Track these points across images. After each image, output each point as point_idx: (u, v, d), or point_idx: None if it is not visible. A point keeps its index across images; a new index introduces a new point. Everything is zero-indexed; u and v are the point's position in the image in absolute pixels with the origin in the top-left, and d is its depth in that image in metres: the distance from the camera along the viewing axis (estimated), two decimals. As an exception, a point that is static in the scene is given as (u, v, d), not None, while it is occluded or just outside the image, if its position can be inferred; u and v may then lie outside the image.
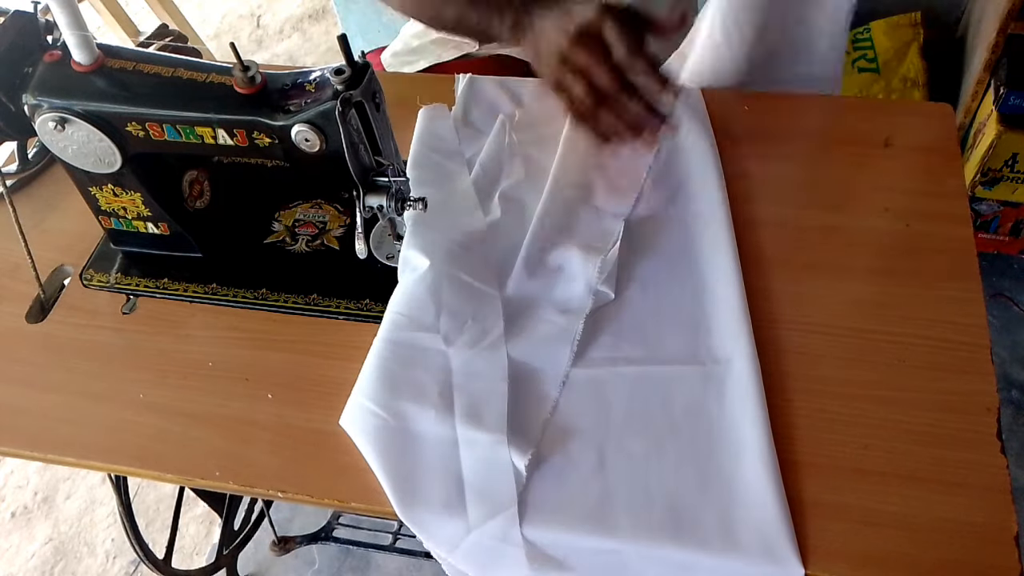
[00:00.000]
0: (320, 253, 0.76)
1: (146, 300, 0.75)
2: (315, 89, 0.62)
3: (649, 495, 0.59)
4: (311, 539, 1.27)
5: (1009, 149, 1.40)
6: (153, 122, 0.64)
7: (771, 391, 0.62)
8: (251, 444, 0.64)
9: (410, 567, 1.34)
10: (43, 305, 0.75)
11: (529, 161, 0.80)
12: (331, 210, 0.80)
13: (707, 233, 0.73)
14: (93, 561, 1.43)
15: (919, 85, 1.58)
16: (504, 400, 0.62)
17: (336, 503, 0.62)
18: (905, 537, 0.56)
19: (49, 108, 0.64)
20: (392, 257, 0.74)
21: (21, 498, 1.52)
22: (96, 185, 0.71)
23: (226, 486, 0.63)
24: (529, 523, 0.58)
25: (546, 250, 0.72)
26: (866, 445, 0.60)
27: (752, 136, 0.82)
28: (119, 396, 0.68)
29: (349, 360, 0.67)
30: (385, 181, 0.65)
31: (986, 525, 0.56)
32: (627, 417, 0.63)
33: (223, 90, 0.63)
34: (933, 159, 0.79)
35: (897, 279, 0.70)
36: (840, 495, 0.58)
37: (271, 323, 0.72)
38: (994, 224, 1.56)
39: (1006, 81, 1.36)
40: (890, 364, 0.65)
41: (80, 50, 0.63)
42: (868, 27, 1.61)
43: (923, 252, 0.72)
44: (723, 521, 0.57)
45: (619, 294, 0.70)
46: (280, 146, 0.64)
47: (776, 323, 0.68)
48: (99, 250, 0.78)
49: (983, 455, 0.59)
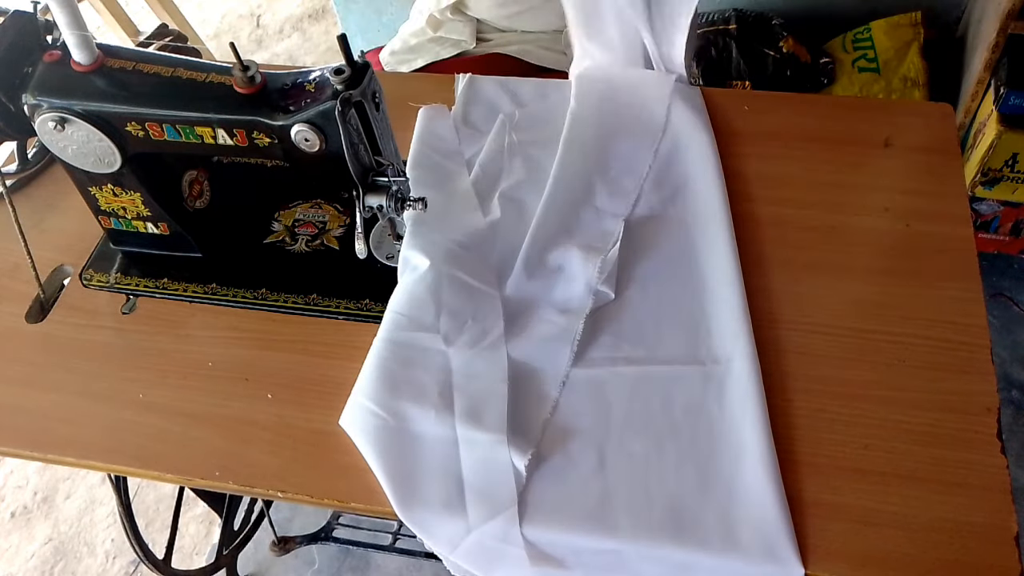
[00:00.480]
0: (320, 253, 0.76)
1: (146, 300, 0.75)
2: (315, 89, 0.62)
3: (649, 495, 0.59)
4: (311, 539, 1.26)
5: (1009, 149, 1.40)
6: (153, 122, 0.64)
7: (771, 391, 0.62)
8: (251, 444, 0.64)
9: (410, 567, 1.34)
10: (43, 305, 0.75)
11: (529, 161, 0.80)
12: (331, 210, 0.80)
13: (707, 233, 0.73)
14: (93, 561, 1.43)
15: (919, 85, 1.57)
16: (504, 400, 0.62)
17: (336, 503, 0.62)
18: (905, 537, 0.56)
19: (49, 108, 0.64)
20: (392, 257, 0.74)
21: (21, 498, 1.52)
22: (96, 185, 0.71)
23: (226, 486, 0.63)
24: (529, 523, 0.58)
25: (546, 250, 0.72)
26: (866, 445, 0.60)
27: (752, 136, 0.82)
28: (119, 396, 0.68)
29: (349, 360, 0.67)
30: (385, 181, 0.65)
31: (986, 525, 0.56)
32: (627, 417, 0.63)
33: (223, 90, 0.63)
34: (933, 159, 0.79)
35: (897, 279, 0.70)
36: (840, 495, 0.58)
37: (271, 323, 0.72)
38: (994, 224, 1.56)
39: (1006, 81, 1.36)
40: (890, 364, 0.65)
41: (80, 50, 0.63)
42: (868, 27, 1.61)
43: (923, 252, 0.72)
44: (723, 521, 0.57)
45: (619, 294, 0.70)
46: (280, 146, 0.64)
47: (776, 323, 0.68)
48: (99, 250, 0.78)
49: (983, 455, 0.59)
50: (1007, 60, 1.37)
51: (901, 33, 1.58)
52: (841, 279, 0.71)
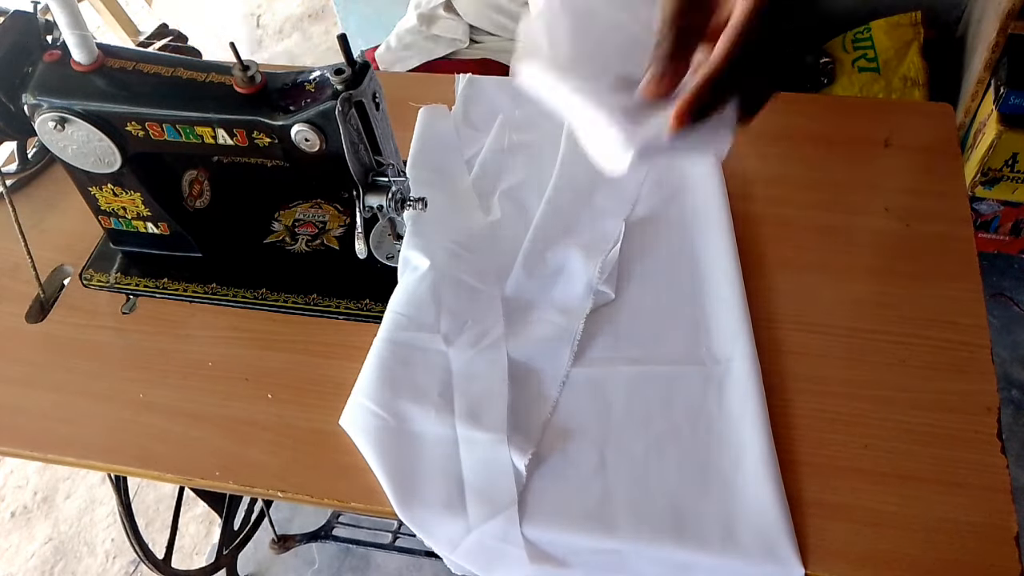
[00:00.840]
0: (320, 253, 0.76)
1: (146, 300, 0.75)
2: (315, 89, 0.62)
3: (649, 495, 0.59)
4: (311, 537, 1.26)
5: (1009, 149, 1.40)
6: (153, 122, 0.64)
7: (771, 391, 0.62)
8: (251, 444, 0.64)
9: (410, 566, 1.34)
10: (43, 305, 0.75)
11: (529, 161, 0.80)
12: (331, 210, 0.80)
13: (707, 233, 0.73)
14: (93, 561, 1.43)
15: (919, 85, 1.57)
16: (504, 400, 0.62)
17: (336, 503, 0.62)
18: (905, 537, 0.56)
19: (49, 108, 0.64)
20: (392, 257, 0.74)
21: (21, 498, 1.52)
22: (96, 185, 0.71)
23: (226, 486, 0.63)
24: (529, 522, 0.58)
25: (547, 250, 0.72)
26: (866, 445, 0.60)
27: (752, 136, 0.82)
28: (119, 396, 0.68)
29: (349, 360, 0.67)
30: (385, 181, 0.65)
31: (986, 525, 0.56)
32: (627, 417, 0.63)
33: (223, 90, 0.63)
34: (933, 159, 0.79)
35: (897, 279, 0.70)
36: (840, 495, 0.58)
37: (271, 323, 0.72)
38: (994, 224, 1.56)
39: (1006, 81, 1.36)
40: (890, 364, 0.65)
41: (80, 50, 0.63)
42: (868, 27, 1.61)
43: (923, 252, 0.72)
44: (723, 521, 0.57)
45: (619, 294, 0.70)
46: (280, 146, 0.64)
47: (776, 323, 0.68)
48: (99, 250, 0.78)
49: (983, 455, 0.59)
50: (1007, 60, 1.37)
51: (901, 33, 1.58)
52: (841, 279, 0.71)
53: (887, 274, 0.71)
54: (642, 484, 0.59)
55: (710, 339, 0.66)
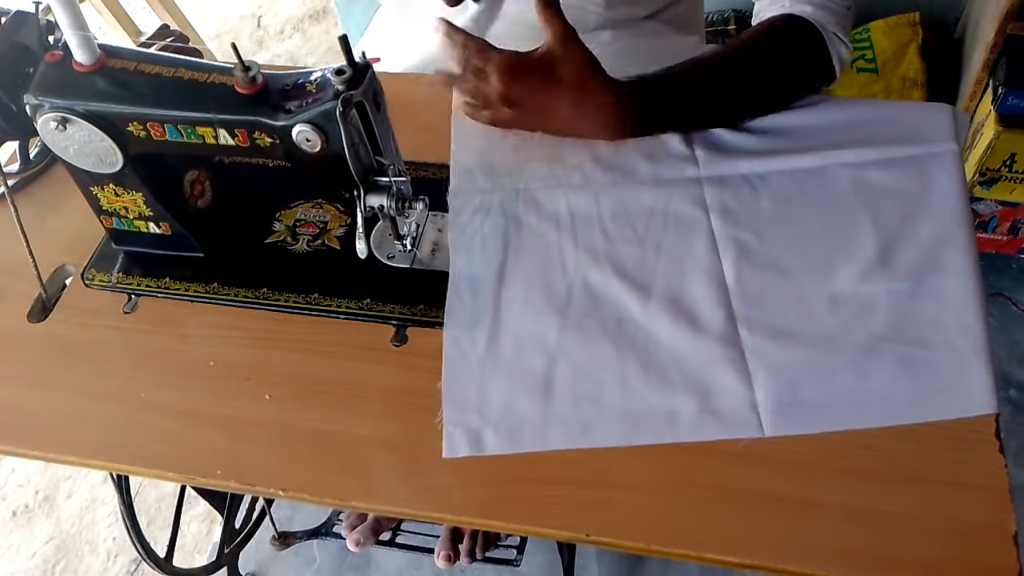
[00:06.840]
0: (321, 253, 0.77)
1: (148, 300, 0.75)
2: (316, 89, 0.62)
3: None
4: (312, 534, 1.27)
5: (1007, 149, 1.41)
6: (154, 122, 0.64)
7: (771, 391, 0.62)
8: (252, 443, 0.65)
9: (410, 565, 1.34)
10: (45, 305, 0.75)
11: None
12: (332, 210, 0.80)
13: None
14: (95, 560, 1.43)
15: (918, 85, 1.58)
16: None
17: (336, 502, 0.62)
18: (905, 537, 0.56)
19: (50, 108, 0.64)
20: (392, 257, 0.74)
21: (22, 497, 1.53)
22: (98, 185, 0.71)
23: (227, 485, 0.63)
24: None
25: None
26: (866, 445, 0.60)
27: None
28: (121, 395, 0.68)
29: (350, 360, 0.68)
30: (386, 181, 0.65)
31: (986, 525, 0.56)
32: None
33: (224, 90, 0.63)
34: (932, 159, 0.79)
35: (896, 279, 0.70)
36: (840, 495, 0.58)
37: (272, 323, 0.72)
38: (992, 223, 1.57)
39: (1004, 81, 1.36)
40: (889, 364, 0.65)
41: (81, 50, 0.63)
42: (867, 27, 1.61)
43: (922, 252, 0.72)
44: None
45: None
46: (281, 146, 0.64)
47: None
48: (100, 250, 0.79)
49: (982, 454, 0.59)
50: (1005, 60, 1.38)
51: (900, 33, 1.58)
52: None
53: (886, 274, 0.71)
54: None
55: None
